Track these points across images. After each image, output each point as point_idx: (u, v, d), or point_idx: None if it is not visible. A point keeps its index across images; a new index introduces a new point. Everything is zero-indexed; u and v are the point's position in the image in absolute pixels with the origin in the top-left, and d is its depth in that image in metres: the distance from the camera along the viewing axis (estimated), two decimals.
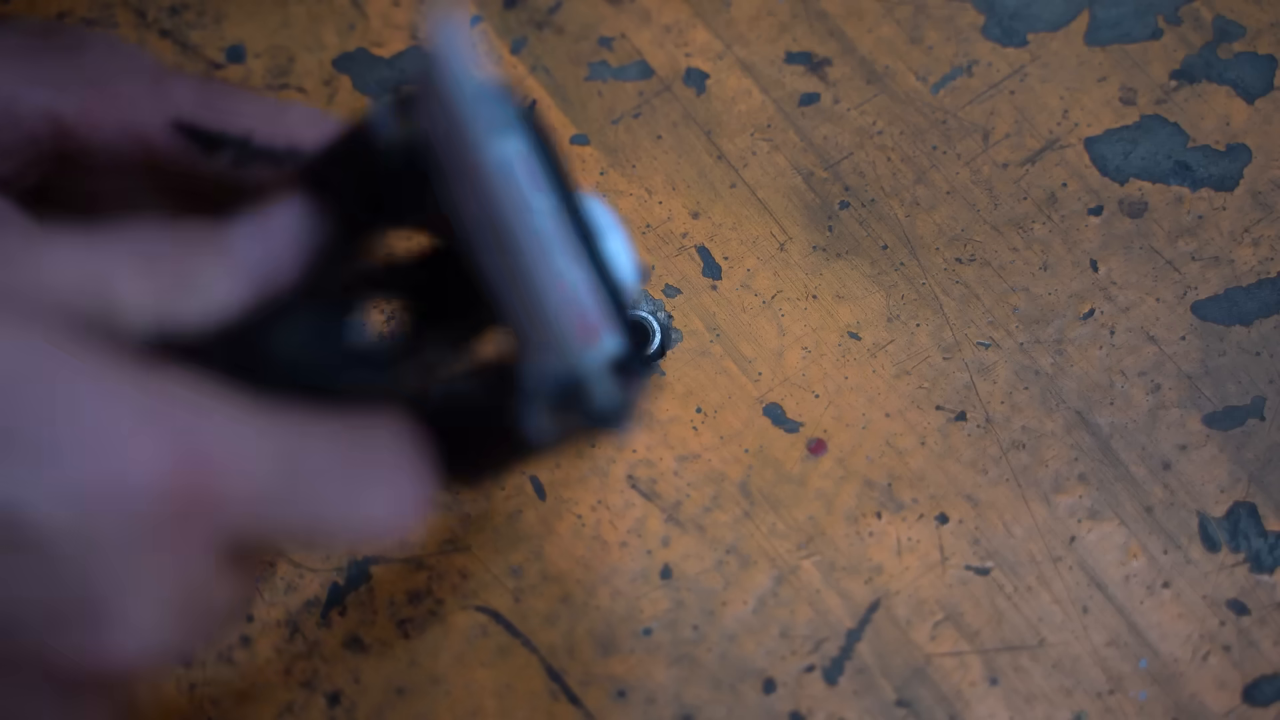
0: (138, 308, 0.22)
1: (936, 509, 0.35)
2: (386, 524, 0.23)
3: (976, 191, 0.38)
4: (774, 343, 0.37)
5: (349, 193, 0.24)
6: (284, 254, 0.23)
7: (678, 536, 0.35)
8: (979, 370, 0.36)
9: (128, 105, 0.27)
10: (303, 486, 0.22)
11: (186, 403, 0.21)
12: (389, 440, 0.23)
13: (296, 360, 0.23)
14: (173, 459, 0.20)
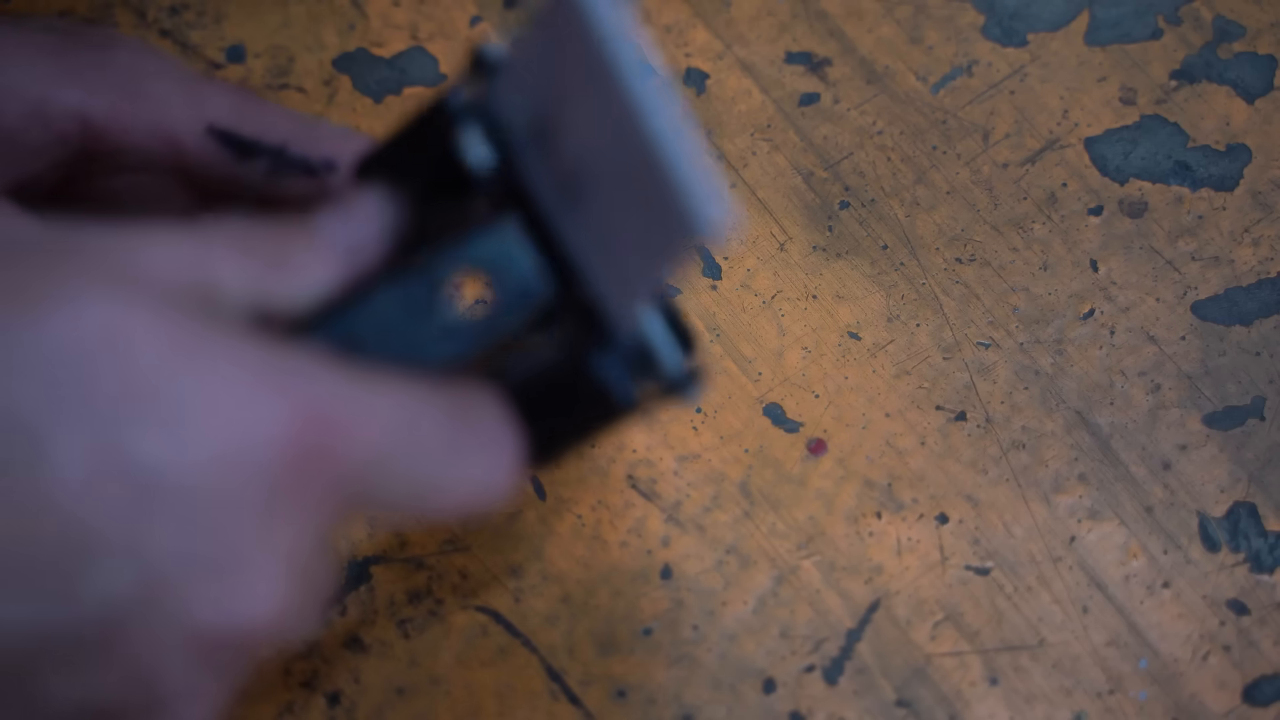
0: (237, 290, 0.23)
1: (936, 509, 0.35)
2: (488, 489, 0.24)
3: (976, 191, 0.38)
4: (774, 343, 0.37)
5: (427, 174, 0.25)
6: (370, 235, 0.24)
7: (678, 536, 0.35)
8: (979, 370, 0.36)
9: (159, 107, 0.28)
10: (416, 449, 0.22)
11: (305, 366, 0.22)
12: (489, 408, 0.24)
13: (388, 336, 0.23)
14: (296, 418, 0.21)
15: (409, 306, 0.24)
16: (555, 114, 0.23)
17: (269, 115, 0.29)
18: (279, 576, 0.21)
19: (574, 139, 0.23)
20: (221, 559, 0.21)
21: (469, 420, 0.24)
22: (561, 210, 0.24)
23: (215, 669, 0.21)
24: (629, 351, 0.24)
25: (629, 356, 0.24)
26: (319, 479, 0.21)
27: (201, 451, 0.20)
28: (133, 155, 0.28)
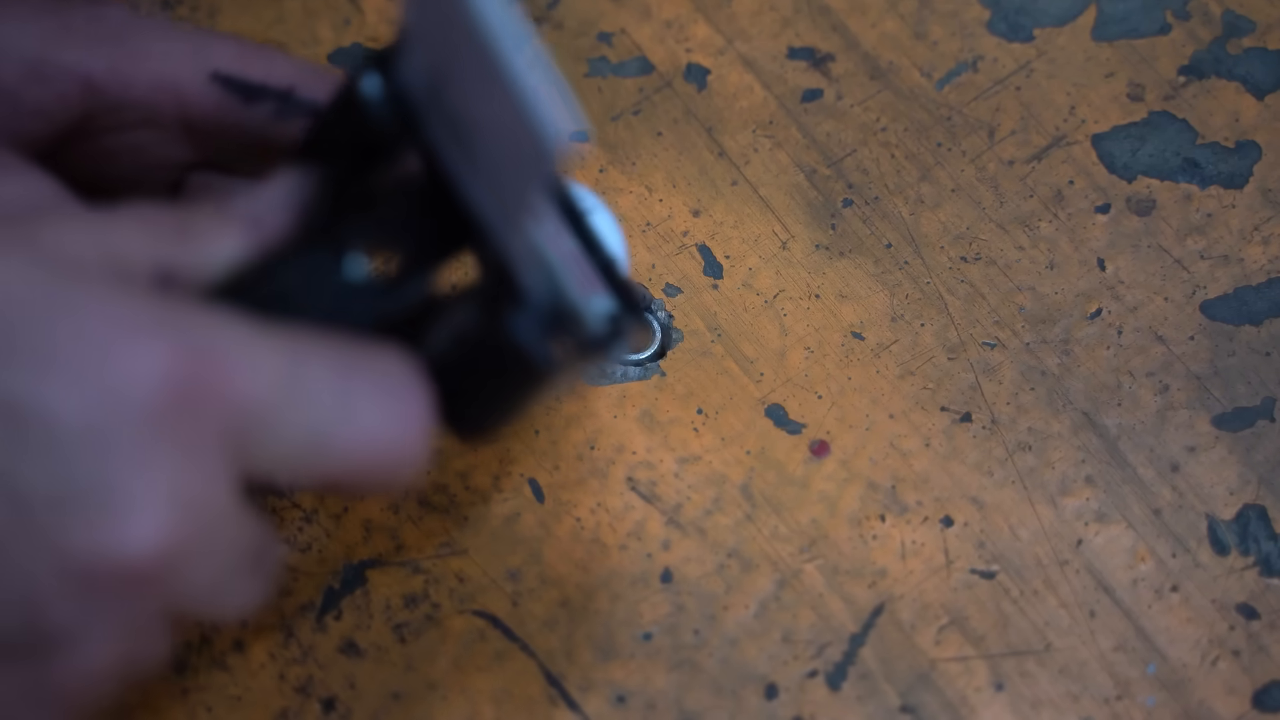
0: (142, 259, 0.24)
1: (941, 512, 0.35)
2: (388, 444, 0.24)
3: (982, 189, 0.38)
4: (776, 343, 0.37)
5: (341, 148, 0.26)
6: (281, 206, 0.25)
7: (678, 539, 0.35)
8: (984, 371, 0.36)
9: (160, 59, 0.28)
10: (304, 397, 0.23)
11: (189, 311, 0.23)
12: (391, 361, 0.25)
13: (298, 299, 0.25)
14: (173, 358, 0.22)
15: (318, 271, 0.25)
16: (439, 67, 0.24)
17: (273, 60, 0.29)
18: (159, 512, 0.22)
19: (453, 87, 0.24)
20: (94, 491, 0.21)
21: (364, 372, 0.24)
22: (462, 167, 0.25)
23: (107, 607, 0.22)
24: (545, 311, 0.24)
25: (545, 315, 0.24)
26: (201, 420, 0.22)
27: (73, 388, 0.21)
28: (135, 111, 0.29)
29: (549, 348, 0.24)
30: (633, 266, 0.38)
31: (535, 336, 0.24)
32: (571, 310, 0.25)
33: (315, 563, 0.34)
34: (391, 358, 0.25)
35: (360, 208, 0.26)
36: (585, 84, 0.39)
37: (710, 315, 0.37)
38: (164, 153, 0.30)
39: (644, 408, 0.36)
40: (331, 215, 0.26)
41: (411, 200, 0.26)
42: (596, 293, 0.25)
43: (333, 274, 0.25)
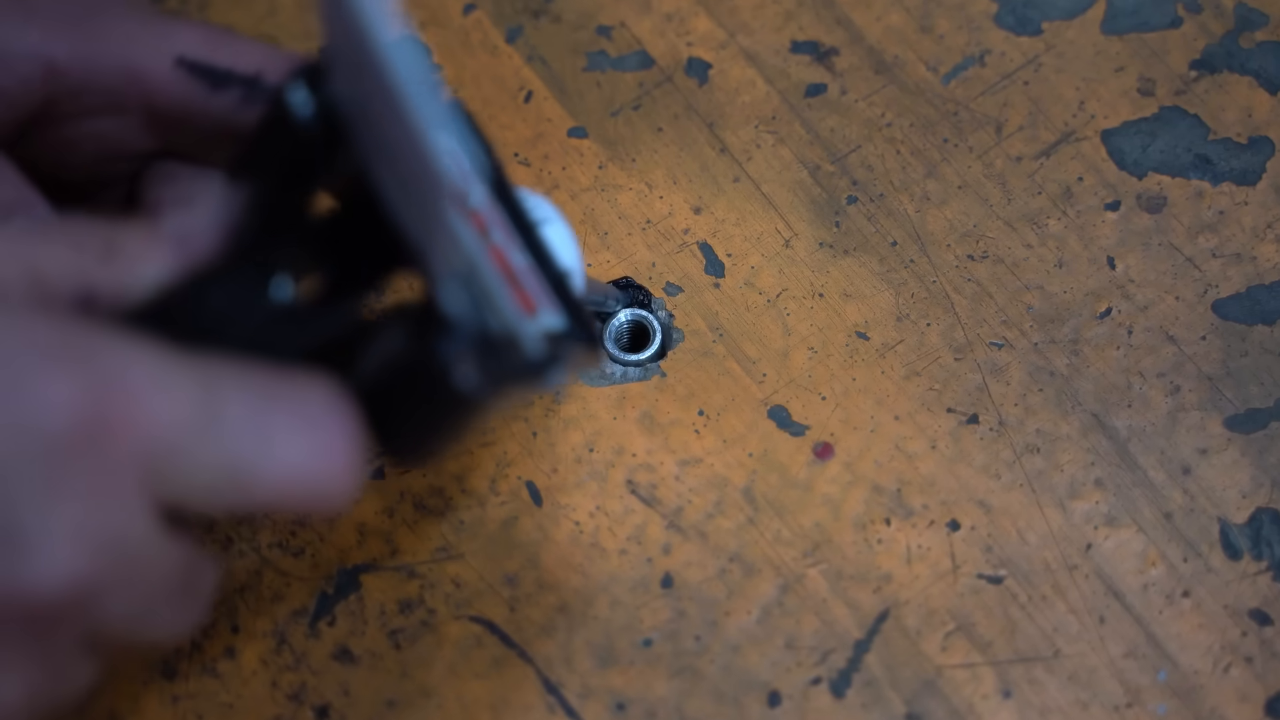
0: (64, 280, 0.24)
1: (947, 515, 0.35)
2: (310, 475, 0.24)
3: (989, 186, 0.38)
4: (779, 343, 0.37)
5: (271, 165, 0.25)
6: (208, 225, 0.25)
7: (679, 544, 0.35)
8: (992, 371, 0.36)
9: (124, 44, 0.28)
10: (220, 428, 0.23)
11: (102, 341, 0.22)
12: (314, 391, 0.24)
13: (223, 322, 0.24)
14: (82, 391, 0.22)
15: (244, 294, 0.25)
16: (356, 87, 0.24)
17: (240, 46, 0.29)
18: (68, 547, 0.22)
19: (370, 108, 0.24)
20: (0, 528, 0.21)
21: (284, 403, 0.24)
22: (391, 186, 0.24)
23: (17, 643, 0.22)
24: (474, 335, 0.24)
25: (474, 340, 0.24)
26: (111, 452, 0.22)
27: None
28: (97, 96, 0.28)
29: (476, 375, 0.24)
30: (633, 265, 0.38)
31: (462, 363, 0.24)
32: (504, 334, 0.24)
33: (308, 567, 0.34)
34: (315, 386, 0.24)
35: (290, 228, 0.25)
36: (583, 78, 0.39)
37: (712, 315, 0.37)
38: (127, 140, 0.29)
39: (644, 409, 0.36)
40: (261, 235, 0.25)
41: (343, 220, 0.25)
42: (544, 309, 0.25)
43: (259, 296, 0.25)
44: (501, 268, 0.25)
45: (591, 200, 0.38)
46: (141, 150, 0.30)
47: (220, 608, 0.34)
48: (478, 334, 0.24)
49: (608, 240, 0.38)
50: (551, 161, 0.39)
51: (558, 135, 0.39)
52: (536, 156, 0.39)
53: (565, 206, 0.38)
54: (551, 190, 0.39)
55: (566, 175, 0.39)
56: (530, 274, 0.25)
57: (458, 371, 0.24)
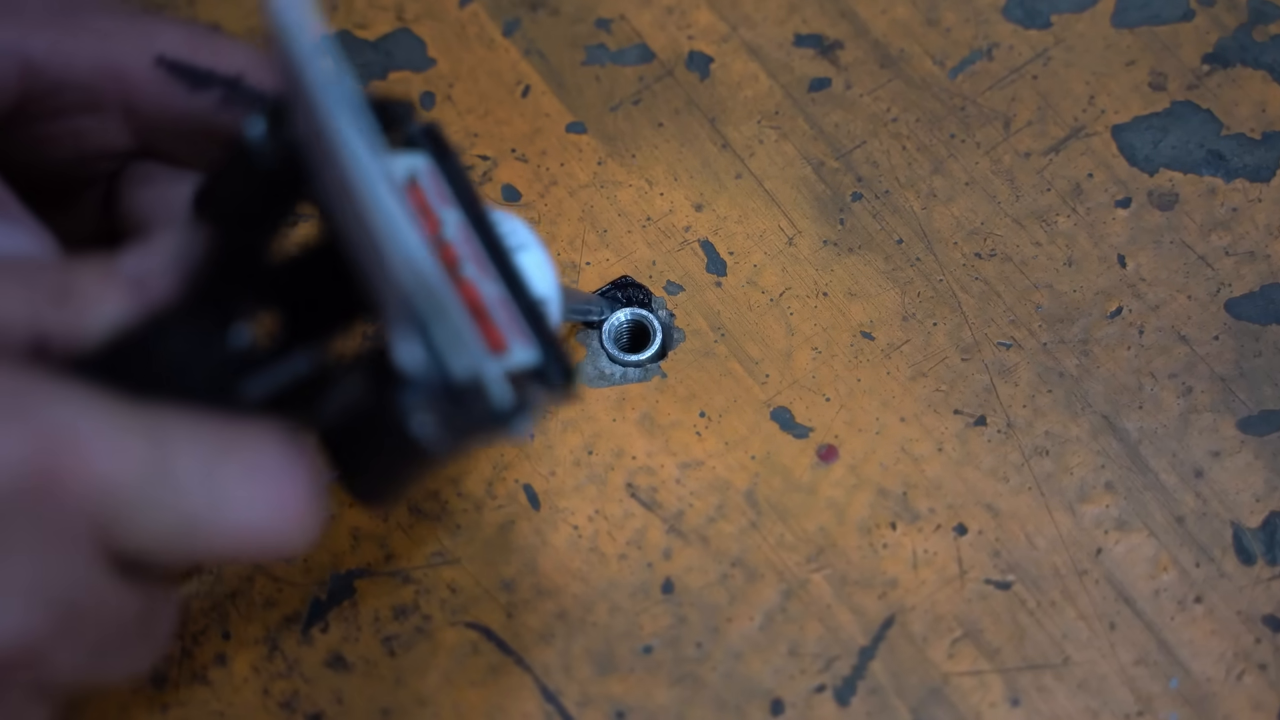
0: (17, 323, 0.24)
1: (954, 519, 0.35)
2: (266, 528, 0.24)
3: (997, 182, 0.38)
4: (782, 343, 0.37)
5: (231, 204, 0.25)
6: (166, 266, 0.25)
7: (680, 548, 0.35)
8: (1000, 372, 0.36)
9: (104, 40, 0.28)
10: (170, 482, 0.23)
11: (51, 390, 0.22)
12: (269, 442, 0.24)
13: (180, 368, 0.24)
14: (26, 445, 0.22)
15: (201, 339, 0.24)
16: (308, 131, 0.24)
17: (222, 46, 0.29)
18: (16, 605, 0.22)
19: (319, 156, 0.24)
20: None
21: (238, 456, 0.24)
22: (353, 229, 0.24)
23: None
24: (434, 385, 0.23)
25: (434, 390, 0.23)
26: (58, 507, 0.22)
27: None
28: (75, 94, 0.28)
29: (435, 426, 0.24)
30: (633, 263, 0.38)
31: (420, 414, 0.23)
32: (467, 381, 0.23)
33: (300, 573, 0.34)
34: (270, 437, 0.24)
35: (251, 271, 0.25)
36: (582, 72, 0.39)
37: (713, 314, 0.37)
38: (104, 139, 0.29)
39: (644, 410, 0.36)
40: (220, 278, 0.25)
41: (305, 264, 0.25)
42: (515, 343, 0.24)
43: (217, 342, 0.24)
44: (470, 304, 0.24)
45: (590, 197, 0.38)
46: (120, 149, 0.30)
47: (211, 614, 0.34)
48: (438, 383, 0.24)
49: (607, 238, 0.38)
50: (549, 157, 0.39)
51: (556, 130, 0.39)
52: (534, 152, 0.39)
53: (563, 203, 0.38)
54: (550, 187, 0.39)
55: (565, 171, 0.39)
56: (503, 305, 0.25)
57: (415, 422, 0.23)
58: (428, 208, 0.25)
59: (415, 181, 0.25)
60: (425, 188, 0.25)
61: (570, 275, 0.37)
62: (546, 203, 0.38)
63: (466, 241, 0.25)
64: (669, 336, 0.37)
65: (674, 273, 0.38)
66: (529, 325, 0.25)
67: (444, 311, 0.23)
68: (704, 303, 0.37)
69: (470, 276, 0.25)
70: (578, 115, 0.39)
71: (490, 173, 0.38)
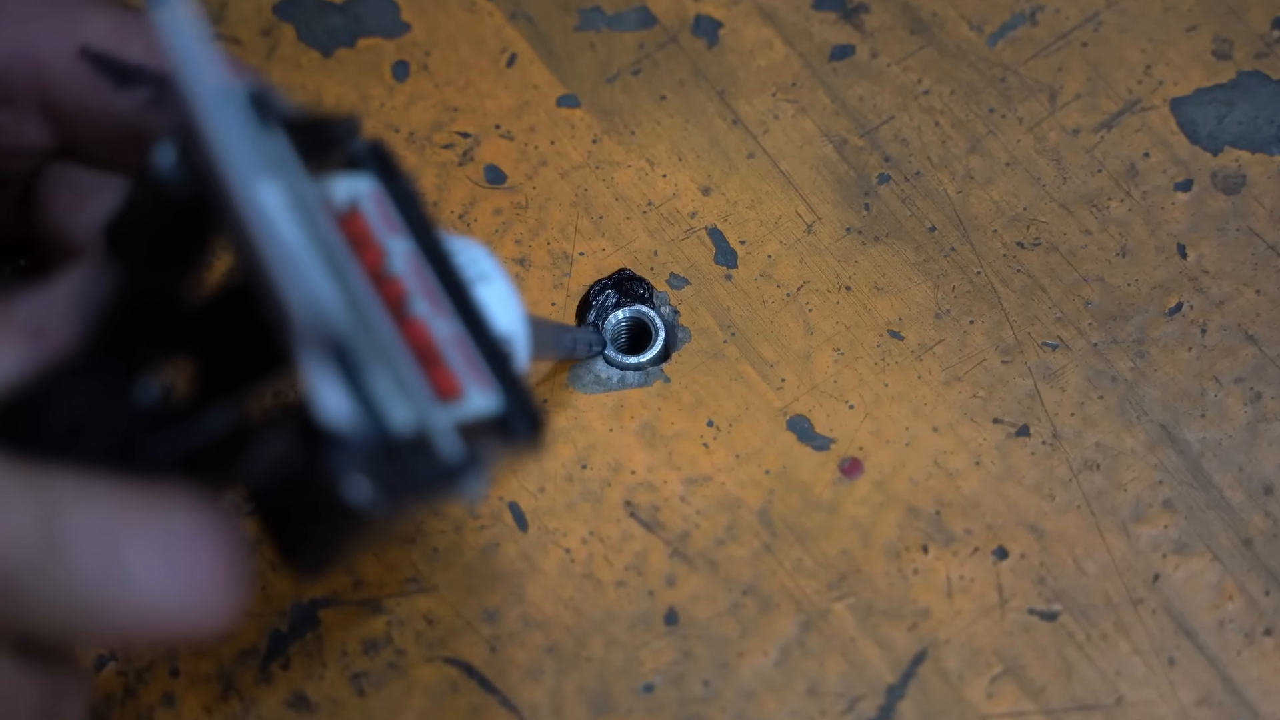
0: None
1: (994, 541, 0.35)
2: (177, 607, 0.24)
3: (1041, 163, 0.38)
4: (800, 343, 0.37)
5: (140, 239, 0.25)
6: (68, 313, 0.24)
7: (685, 574, 0.35)
8: (1045, 376, 0.36)
9: (20, 26, 0.27)
10: (67, 552, 0.22)
11: None
12: (181, 508, 0.24)
13: (79, 427, 0.24)
14: None
15: (106, 394, 0.24)
16: None
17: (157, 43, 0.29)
18: None
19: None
20: None
21: (143, 526, 0.23)
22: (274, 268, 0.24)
23: None
24: (371, 443, 0.23)
25: (371, 448, 0.23)
26: None
27: None
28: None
29: (371, 489, 0.23)
30: (632, 253, 0.38)
31: (354, 476, 0.23)
32: (411, 435, 0.23)
33: (258, 601, 0.34)
34: (181, 504, 0.24)
35: (162, 316, 0.25)
36: (575, 39, 0.39)
37: (723, 310, 0.37)
38: (20, 136, 0.29)
39: (645, 419, 0.36)
40: (127, 324, 0.24)
41: (222, 308, 0.25)
42: (472, 388, 0.24)
43: (123, 397, 0.24)
44: (418, 345, 0.24)
45: (584, 179, 0.38)
46: (38, 148, 0.29)
47: (158, 648, 0.34)
48: (374, 440, 0.23)
49: (602, 225, 0.38)
50: (538, 135, 0.39)
51: (545, 105, 0.39)
52: (521, 129, 0.39)
53: (554, 186, 0.38)
54: (538, 168, 0.38)
55: (555, 150, 0.38)
56: (458, 345, 0.24)
57: (347, 486, 0.23)
58: (369, 238, 0.25)
59: (357, 208, 0.25)
60: (369, 214, 0.25)
61: (562, 267, 0.37)
62: (535, 185, 0.38)
63: (416, 274, 0.25)
64: (672, 336, 0.37)
65: (678, 264, 0.38)
66: (490, 366, 0.24)
67: (382, 355, 0.23)
68: (712, 298, 0.37)
69: (419, 314, 0.24)
70: (570, 87, 0.39)
71: (471, 152, 0.38)
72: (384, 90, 0.39)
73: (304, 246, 0.22)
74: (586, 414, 0.36)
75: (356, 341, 0.22)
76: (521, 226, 0.38)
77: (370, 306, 0.23)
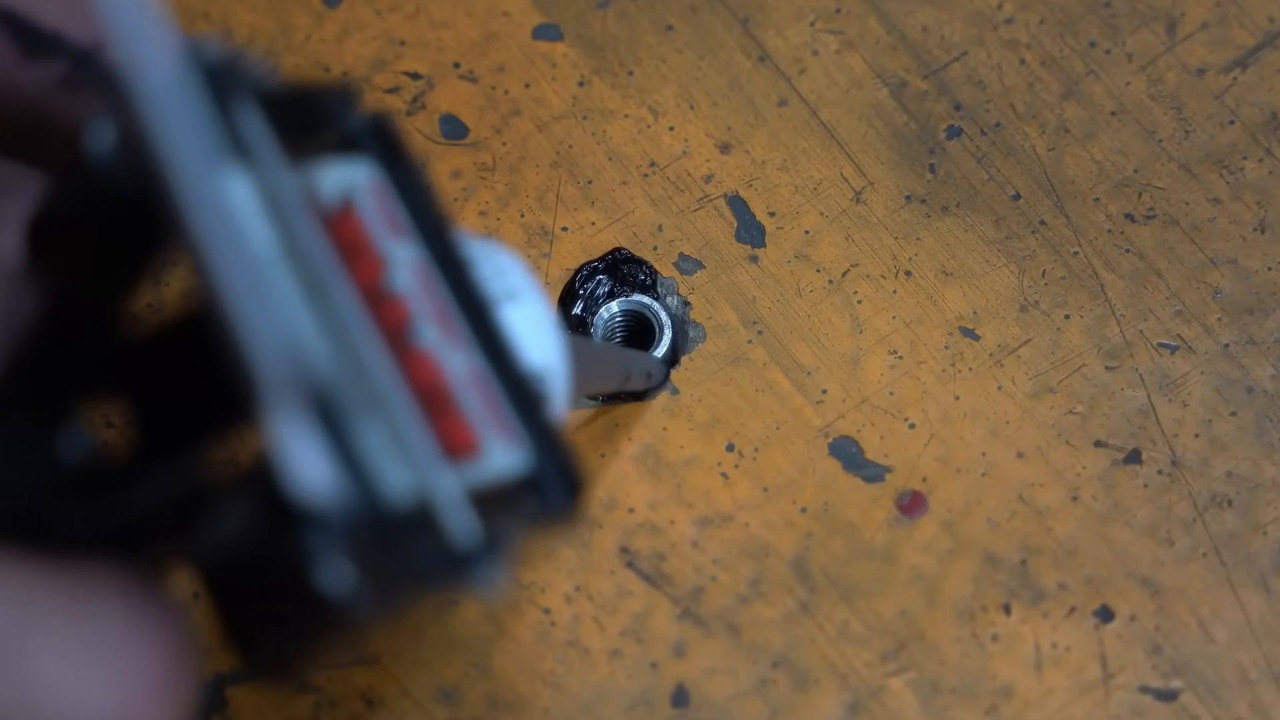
0: None
1: (1096, 599, 0.34)
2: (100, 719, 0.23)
3: (1157, 112, 0.37)
4: (845, 344, 0.36)
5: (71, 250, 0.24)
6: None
7: (698, 641, 0.34)
8: (1161, 386, 0.35)
9: None
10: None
11: None
12: (108, 598, 0.23)
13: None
14: None
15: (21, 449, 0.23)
16: None
17: (78, 6, 0.28)
18: None
19: None
20: None
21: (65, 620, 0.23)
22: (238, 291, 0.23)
23: None
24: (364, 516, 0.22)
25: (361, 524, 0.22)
26: None
27: None
28: None
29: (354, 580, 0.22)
30: (629, 228, 0.37)
31: (332, 562, 0.22)
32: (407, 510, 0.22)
33: None
34: (108, 593, 0.23)
35: (96, 349, 0.24)
36: None
37: (746, 302, 0.36)
38: None
39: (646, 442, 0.35)
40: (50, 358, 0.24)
41: (173, 341, 0.24)
42: (493, 442, 0.23)
43: (40, 453, 0.23)
44: (423, 386, 0.23)
45: (568, 132, 0.37)
46: None
47: None
48: (361, 514, 0.22)
49: (592, 192, 0.37)
50: (509, 76, 0.38)
51: (518, 37, 0.38)
52: (487, 68, 0.38)
53: (529, 142, 0.37)
54: (509, 118, 0.38)
55: (530, 96, 0.38)
56: (477, 385, 0.23)
57: (324, 574, 0.21)
58: (366, 244, 0.24)
59: (351, 205, 0.24)
60: (365, 213, 0.24)
61: (540, 246, 0.37)
62: (504, 141, 0.37)
63: (425, 291, 0.24)
64: (681, 335, 0.36)
65: (689, 242, 0.36)
66: (517, 413, 0.23)
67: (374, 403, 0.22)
68: (733, 285, 0.36)
69: (427, 345, 0.23)
70: (550, 15, 0.38)
71: (423, 98, 0.38)
72: (310, 19, 0.38)
73: (277, 262, 0.22)
74: (572, 435, 0.35)
75: (343, 388, 0.22)
76: (487, 194, 0.37)
77: (363, 341, 0.22)
